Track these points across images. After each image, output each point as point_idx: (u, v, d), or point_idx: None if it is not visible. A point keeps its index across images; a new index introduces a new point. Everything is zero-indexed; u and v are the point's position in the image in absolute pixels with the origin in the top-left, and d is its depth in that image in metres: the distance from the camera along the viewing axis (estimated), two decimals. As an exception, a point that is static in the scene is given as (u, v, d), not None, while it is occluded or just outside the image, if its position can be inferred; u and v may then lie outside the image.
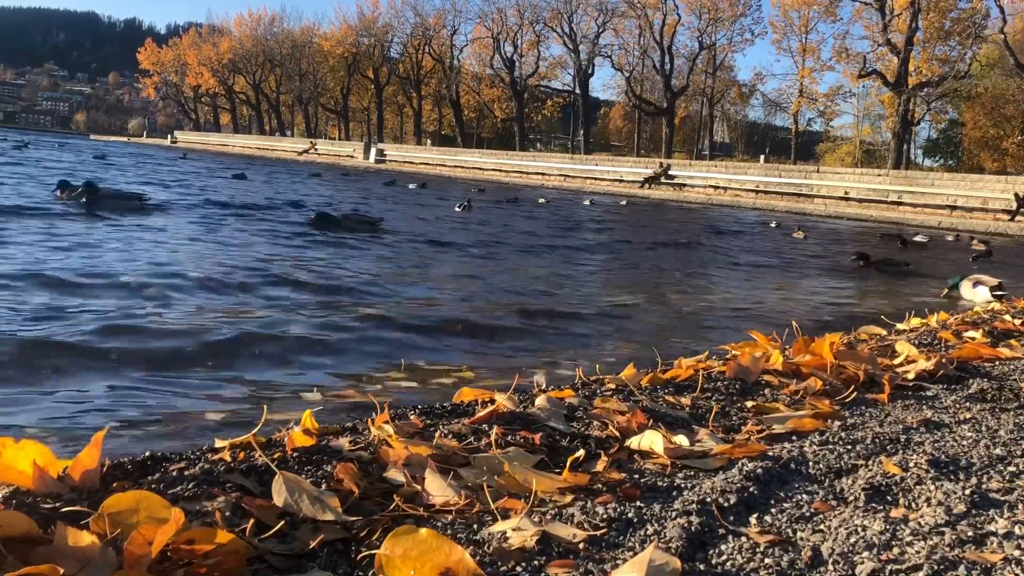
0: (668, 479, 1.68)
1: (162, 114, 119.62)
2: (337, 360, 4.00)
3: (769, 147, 63.28)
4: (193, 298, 5.37)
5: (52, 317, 4.40)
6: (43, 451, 1.39)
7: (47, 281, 5.38)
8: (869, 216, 26.79)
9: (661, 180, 36.66)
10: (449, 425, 1.94)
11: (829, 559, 1.28)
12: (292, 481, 1.41)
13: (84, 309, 4.68)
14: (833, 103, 53.91)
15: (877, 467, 1.72)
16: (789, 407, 2.33)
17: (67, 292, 5.17)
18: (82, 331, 4.06)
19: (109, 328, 4.17)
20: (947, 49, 43.88)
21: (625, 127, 77.08)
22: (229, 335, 4.21)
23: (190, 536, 1.18)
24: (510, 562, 1.25)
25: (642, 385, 2.48)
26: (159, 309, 4.88)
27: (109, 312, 4.66)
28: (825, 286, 8.78)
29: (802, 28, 50.58)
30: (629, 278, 8.73)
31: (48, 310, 4.57)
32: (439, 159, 50.57)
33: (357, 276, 6.85)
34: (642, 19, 53.12)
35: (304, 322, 4.78)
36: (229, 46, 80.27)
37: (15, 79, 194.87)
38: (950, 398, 2.56)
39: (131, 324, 4.32)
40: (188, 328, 4.35)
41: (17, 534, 1.15)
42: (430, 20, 64.97)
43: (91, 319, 4.37)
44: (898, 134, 41.70)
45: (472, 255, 9.41)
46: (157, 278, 5.88)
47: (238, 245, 8.66)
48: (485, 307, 5.83)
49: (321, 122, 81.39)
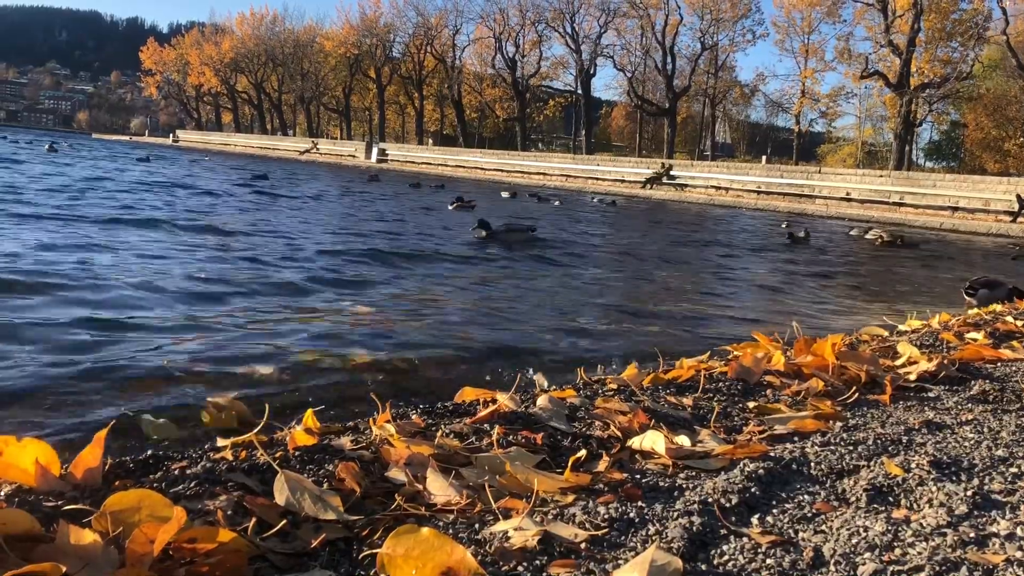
0: (670, 479, 1.68)
1: (164, 113, 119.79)
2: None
3: (771, 148, 63.28)
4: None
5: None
6: (45, 449, 1.39)
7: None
8: (871, 217, 26.76)
9: (663, 180, 36.66)
10: (451, 425, 1.94)
11: (831, 560, 1.28)
12: (294, 480, 1.41)
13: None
14: (835, 104, 54.00)
15: (879, 468, 1.71)
16: (791, 408, 2.33)
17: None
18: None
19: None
20: (949, 50, 43.91)
21: (627, 127, 77.11)
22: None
23: (192, 535, 1.18)
24: (512, 562, 1.25)
25: (644, 385, 2.48)
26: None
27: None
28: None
29: (804, 29, 50.66)
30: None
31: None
32: (440, 159, 50.58)
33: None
34: (644, 19, 53.18)
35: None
36: (231, 45, 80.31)
37: (17, 78, 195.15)
38: (952, 399, 2.55)
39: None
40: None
41: (19, 532, 1.15)
42: (432, 20, 65.10)
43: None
44: (900, 135, 41.68)
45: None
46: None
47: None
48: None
49: (323, 122, 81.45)
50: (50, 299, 4.95)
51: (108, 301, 5.03)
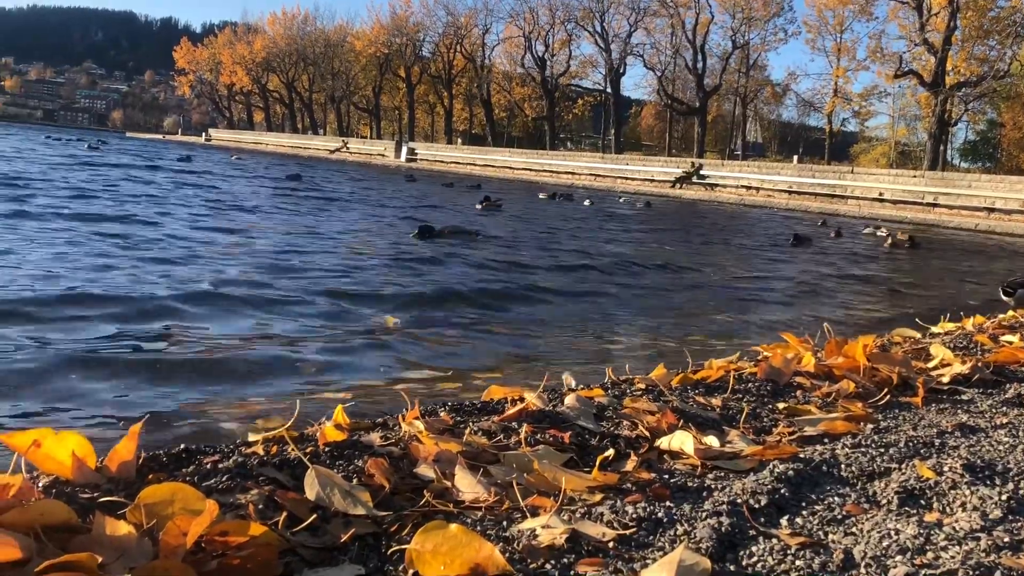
0: (698, 480, 1.67)
1: (196, 112, 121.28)
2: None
3: (803, 147, 62.63)
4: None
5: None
6: (82, 442, 1.41)
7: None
8: (904, 218, 26.42)
9: (693, 180, 36.44)
10: (479, 422, 1.95)
11: (861, 562, 1.27)
12: (324, 475, 1.43)
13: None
14: (868, 103, 53.34)
15: (911, 471, 1.70)
16: (821, 409, 2.31)
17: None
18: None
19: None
20: (986, 48, 43.14)
21: (656, 126, 76.80)
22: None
23: (224, 528, 1.19)
24: (539, 559, 1.25)
25: (672, 385, 2.47)
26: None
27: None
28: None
29: (836, 27, 50.06)
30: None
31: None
32: (469, 158, 50.65)
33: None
34: (674, 18, 52.91)
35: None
36: (263, 45, 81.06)
37: (54, 77, 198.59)
38: (986, 402, 2.52)
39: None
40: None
41: (57, 522, 1.18)
42: (462, 19, 65.20)
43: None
44: (934, 135, 41.10)
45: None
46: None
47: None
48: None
49: (353, 121, 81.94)
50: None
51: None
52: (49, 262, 6.26)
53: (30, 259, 6.33)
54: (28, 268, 5.87)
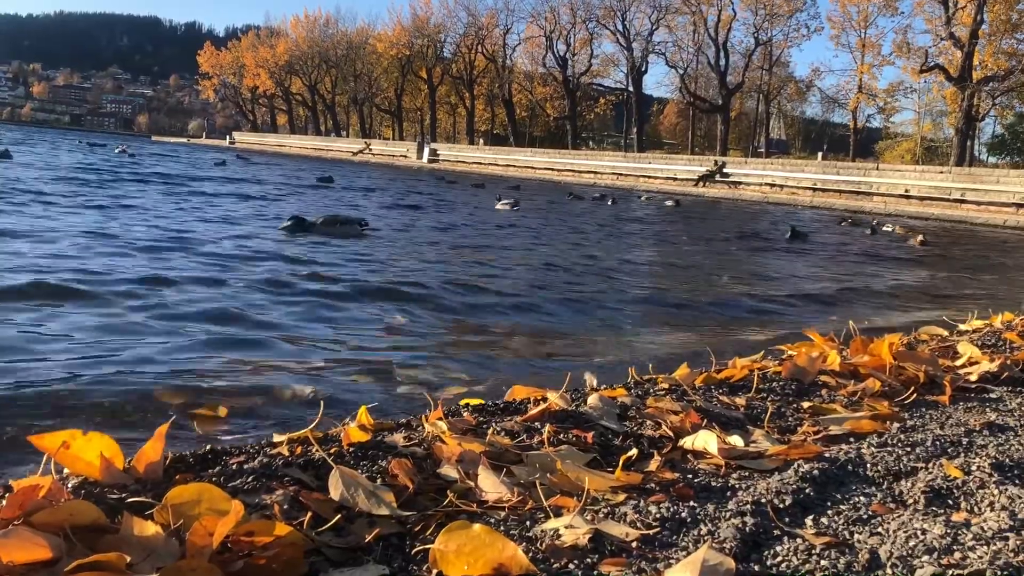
0: (722, 479, 1.66)
1: (220, 115, 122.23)
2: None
3: (827, 144, 61.99)
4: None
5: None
6: (109, 443, 1.43)
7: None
8: (931, 214, 26.13)
9: (716, 178, 36.25)
10: (502, 422, 1.95)
11: (887, 562, 1.26)
12: (348, 476, 1.43)
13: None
14: (893, 99, 52.62)
15: (938, 470, 1.68)
16: (846, 408, 2.29)
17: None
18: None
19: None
20: (1014, 42, 42.49)
21: (679, 124, 76.44)
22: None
23: (250, 528, 1.20)
24: (562, 559, 1.25)
25: (696, 385, 2.46)
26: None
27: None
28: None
29: (861, 23, 49.44)
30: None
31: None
32: (491, 158, 50.71)
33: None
34: (696, 15, 52.63)
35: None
36: (285, 48, 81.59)
37: (81, 82, 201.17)
38: (1015, 401, 2.49)
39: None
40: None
41: (86, 523, 1.19)
42: (483, 19, 65.26)
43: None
44: (961, 130, 40.55)
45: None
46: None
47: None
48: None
49: (375, 122, 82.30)
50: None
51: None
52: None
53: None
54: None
